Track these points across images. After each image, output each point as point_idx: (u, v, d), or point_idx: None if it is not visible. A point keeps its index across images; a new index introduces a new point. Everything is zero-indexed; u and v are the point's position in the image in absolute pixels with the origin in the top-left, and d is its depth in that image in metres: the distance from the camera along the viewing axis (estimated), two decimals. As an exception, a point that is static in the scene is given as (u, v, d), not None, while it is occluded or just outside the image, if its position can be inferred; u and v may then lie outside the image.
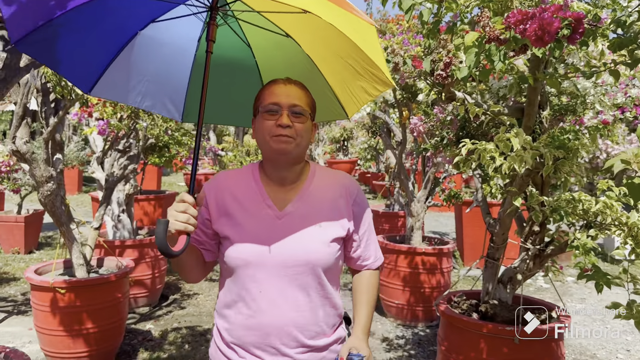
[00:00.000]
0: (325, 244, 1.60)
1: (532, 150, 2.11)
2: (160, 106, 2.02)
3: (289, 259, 1.57)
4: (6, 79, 2.35)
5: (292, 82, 1.63)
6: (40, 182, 3.41)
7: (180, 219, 1.41)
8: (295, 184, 1.66)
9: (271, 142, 1.55)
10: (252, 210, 1.62)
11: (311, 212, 1.62)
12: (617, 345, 4.45)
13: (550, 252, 2.71)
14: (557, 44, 1.62)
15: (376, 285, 1.81)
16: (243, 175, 1.69)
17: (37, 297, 3.60)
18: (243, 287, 1.59)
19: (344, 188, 1.69)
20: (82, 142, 11.33)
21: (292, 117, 1.56)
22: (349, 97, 1.91)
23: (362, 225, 1.73)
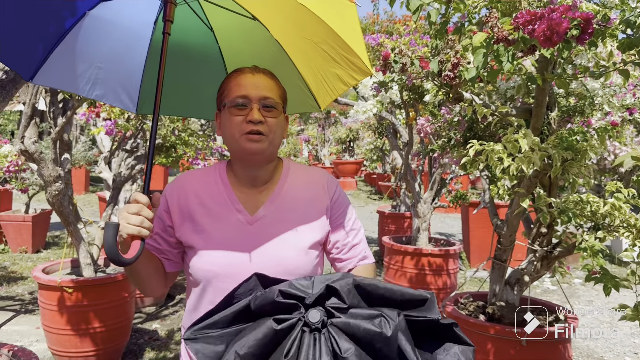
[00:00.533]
0: (302, 250, 1.43)
1: (541, 151, 2.10)
2: (112, 96, 1.81)
3: (263, 269, 1.33)
4: (15, 78, 2.36)
5: (261, 71, 1.46)
6: (48, 181, 3.43)
7: (133, 221, 1.23)
8: (268, 184, 1.49)
9: (241, 141, 1.38)
10: (220, 215, 1.44)
11: (286, 215, 1.46)
12: (625, 347, 4.42)
13: (557, 254, 2.70)
14: (566, 44, 1.61)
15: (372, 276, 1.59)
16: (209, 176, 1.51)
17: (45, 296, 3.62)
18: (211, 301, 1.38)
19: (321, 185, 1.53)
20: (90, 142, 11.39)
21: (264, 111, 1.40)
22: (322, 87, 1.75)
23: (345, 225, 1.55)
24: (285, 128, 1.50)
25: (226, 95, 1.44)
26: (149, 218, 1.25)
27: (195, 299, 1.46)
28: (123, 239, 1.24)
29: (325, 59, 1.65)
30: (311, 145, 22.34)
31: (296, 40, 1.70)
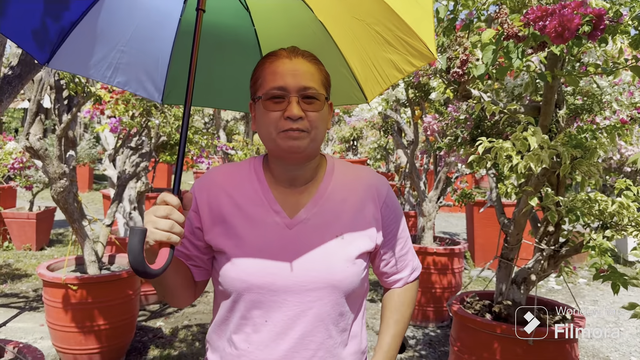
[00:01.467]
0: (349, 260, 1.25)
1: (550, 149, 2.09)
2: (136, 84, 1.64)
3: (303, 280, 1.22)
4: (21, 74, 2.36)
5: (300, 54, 1.26)
6: (53, 178, 3.42)
7: (162, 226, 1.05)
8: (309, 184, 1.31)
9: (279, 140, 1.20)
10: (255, 217, 1.26)
11: (330, 219, 1.27)
12: (631, 347, 4.40)
13: (565, 253, 2.68)
14: (577, 40, 1.60)
15: (411, 302, 1.45)
16: (242, 173, 1.33)
17: (49, 294, 3.62)
18: (244, 315, 1.24)
19: (372, 188, 1.34)
20: (94, 140, 11.41)
21: (304, 103, 1.20)
22: (372, 76, 1.54)
23: (396, 233, 1.38)
24: (329, 119, 1.30)
25: (260, 86, 1.24)
26: (179, 222, 1.08)
27: (225, 312, 1.29)
28: (150, 246, 1.07)
29: (378, 43, 1.43)
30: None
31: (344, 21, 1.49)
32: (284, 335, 1.22)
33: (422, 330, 4.75)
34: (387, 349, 1.37)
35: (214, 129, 10.64)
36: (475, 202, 6.34)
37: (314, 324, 1.23)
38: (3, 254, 7.06)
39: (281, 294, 1.22)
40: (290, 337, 1.22)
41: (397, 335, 1.40)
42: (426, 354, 4.20)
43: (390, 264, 1.41)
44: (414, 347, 4.33)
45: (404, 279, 1.44)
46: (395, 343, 1.39)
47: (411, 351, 4.24)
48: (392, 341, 1.38)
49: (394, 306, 1.43)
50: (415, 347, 4.34)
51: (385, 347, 1.37)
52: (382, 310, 1.46)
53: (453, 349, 2.96)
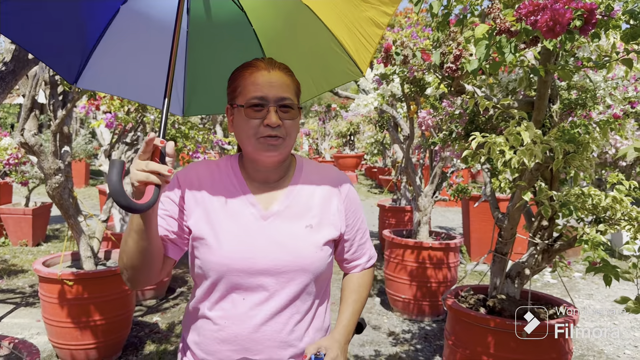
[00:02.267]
0: (317, 247, 1.41)
1: (543, 144, 2.10)
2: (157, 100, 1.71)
3: (277, 264, 1.36)
4: (15, 70, 2.35)
5: (276, 67, 1.40)
6: (48, 174, 3.42)
7: (141, 165, 1.16)
8: (281, 180, 1.47)
9: (257, 145, 1.35)
10: (234, 208, 1.40)
11: (301, 211, 1.44)
12: (625, 341, 4.43)
13: (559, 247, 2.70)
14: (569, 35, 1.60)
15: (368, 285, 1.62)
16: (221, 169, 1.47)
17: (45, 289, 3.62)
18: (222, 295, 1.38)
19: (335, 184, 1.51)
20: (90, 135, 11.38)
21: (281, 112, 1.35)
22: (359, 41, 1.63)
23: (356, 223, 1.55)
24: (299, 125, 1.44)
25: (240, 94, 1.38)
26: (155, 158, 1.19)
27: (204, 294, 1.42)
28: (135, 188, 1.17)
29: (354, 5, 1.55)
30: (312, 139, 22.33)
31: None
32: (257, 311, 1.37)
33: (418, 325, 4.77)
34: (346, 324, 1.52)
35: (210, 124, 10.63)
36: (471, 196, 6.36)
37: (285, 302, 1.39)
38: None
39: (258, 276, 1.36)
40: (263, 313, 1.37)
41: (355, 312, 1.55)
42: (421, 347, 4.23)
43: (351, 251, 1.57)
44: (409, 341, 4.35)
45: (362, 265, 1.61)
46: (354, 319, 1.54)
47: (407, 345, 4.27)
48: (351, 317, 1.54)
49: (353, 287, 1.59)
50: (410, 341, 4.36)
51: (344, 321, 1.52)
52: (342, 292, 1.61)
53: (448, 342, 2.98)
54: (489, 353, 2.69)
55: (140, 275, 1.34)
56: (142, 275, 1.34)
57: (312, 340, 1.45)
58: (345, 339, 1.48)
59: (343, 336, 1.48)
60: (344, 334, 1.49)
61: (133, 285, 1.37)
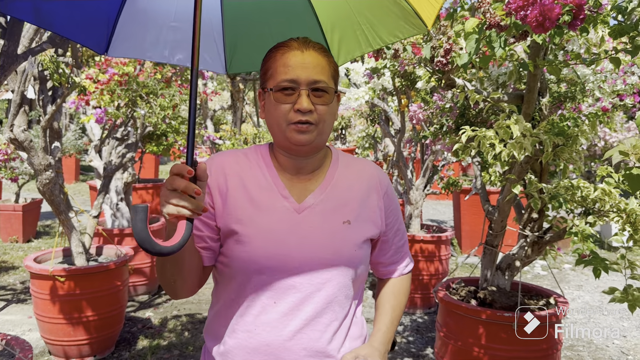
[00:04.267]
0: (356, 245, 1.29)
1: (532, 137, 2.12)
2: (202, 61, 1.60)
3: (314, 262, 1.24)
4: (4, 66, 2.34)
5: (310, 47, 1.26)
6: (38, 170, 3.40)
7: (171, 199, 1.03)
8: (315, 172, 1.34)
9: (288, 132, 1.23)
10: (264, 201, 1.27)
11: (337, 205, 1.31)
12: (613, 331, 4.49)
13: (548, 239, 2.73)
14: (558, 30, 1.62)
15: (407, 291, 1.49)
16: (250, 158, 1.34)
17: (37, 285, 3.61)
18: (252, 298, 1.25)
19: (374, 178, 1.39)
20: (80, 131, 11.31)
21: (313, 96, 1.22)
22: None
23: (395, 223, 1.42)
24: (337, 110, 1.32)
25: (271, 77, 1.26)
26: (190, 192, 1.04)
27: (231, 297, 1.29)
28: (167, 220, 1.07)
29: None
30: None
31: None
32: (292, 316, 1.25)
33: (410, 317, 4.81)
34: (385, 331, 1.38)
35: (201, 118, 10.59)
36: (462, 189, 6.39)
37: (322, 306, 1.26)
38: (-11, 246, 7.02)
39: (291, 275, 1.24)
40: (298, 319, 1.25)
41: (394, 320, 1.42)
42: (413, 340, 4.26)
43: (389, 254, 1.44)
44: (401, 333, 4.39)
45: (400, 270, 1.48)
46: (393, 327, 1.41)
47: (399, 337, 4.30)
48: (390, 325, 1.41)
49: (392, 292, 1.46)
50: (402, 333, 4.39)
51: (383, 328, 1.39)
52: (379, 297, 1.47)
53: (439, 334, 3.01)
54: (480, 344, 2.72)
55: (182, 292, 1.27)
56: (183, 291, 1.27)
57: (350, 349, 1.32)
58: (385, 347, 1.35)
59: (383, 345, 1.35)
60: (384, 343, 1.36)
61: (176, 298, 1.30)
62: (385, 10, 1.53)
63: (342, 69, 5.41)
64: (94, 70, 4.21)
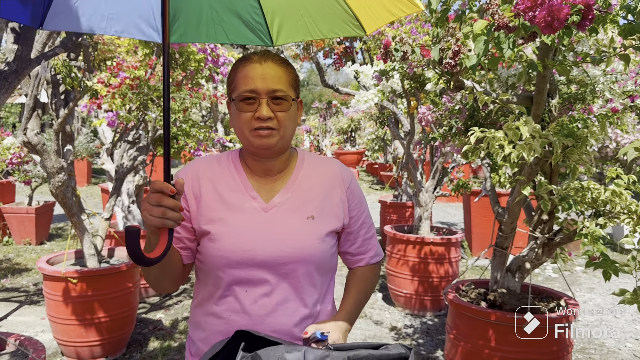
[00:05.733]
0: (320, 238, 1.41)
1: (541, 138, 2.11)
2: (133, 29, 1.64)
3: (278, 255, 1.37)
4: (17, 70, 2.37)
5: (269, 58, 1.38)
6: (51, 173, 3.44)
7: (155, 213, 1.17)
8: (282, 173, 1.47)
9: (251, 137, 1.35)
10: (234, 202, 1.41)
11: (302, 203, 1.43)
12: (626, 334, 4.45)
13: (559, 241, 2.72)
14: (567, 30, 1.62)
15: (373, 280, 1.60)
16: (222, 163, 1.47)
17: (50, 287, 3.65)
18: (226, 289, 1.40)
19: (338, 175, 1.50)
20: (91, 134, 11.41)
21: (273, 104, 1.34)
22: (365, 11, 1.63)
23: (360, 216, 1.53)
24: (299, 115, 1.44)
25: (235, 88, 1.38)
26: (171, 207, 1.19)
27: (209, 289, 1.44)
28: (150, 231, 1.22)
29: None
30: (312, 135, 22.34)
31: None
32: (261, 303, 1.38)
33: (420, 319, 4.79)
34: (348, 310, 1.50)
35: (212, 121, 10.65)
36: (472, 191, 6.36)
37: (289, 294, 1.40)
38: (3, 248, 7.09)
39: (259, 268, 1.37)
40: (268, 305, 1.38)
41: (358, 302, 1.54)
42: (423, 342, 4.25)
43: (356, 245, 1.55)
44: (411, 336, 4.38)
45: (367, 259, 1.58)
46: (357, 309, 1.53)
47: (409, 339, 4.29)
48: (355, 306, 1.53)
49: (358, 279, 1.58)
50: (412, 336, 4.38)
51: (347, 308, 1.51)
52: (346, 283, 1.60)
53: (449, 336, 3.00)
54: (490, 346, 2.71)
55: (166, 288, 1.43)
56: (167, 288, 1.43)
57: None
58: (347, 326, 1.46)
59: (345, 323, 1.45)
60: (347, 321, 1.46)
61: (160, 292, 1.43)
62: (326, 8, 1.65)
63: (351, 72, 5.42)
64: (105, 74, 4.25)
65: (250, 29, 1.76)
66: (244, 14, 1.74)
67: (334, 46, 7.62)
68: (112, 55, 4.97)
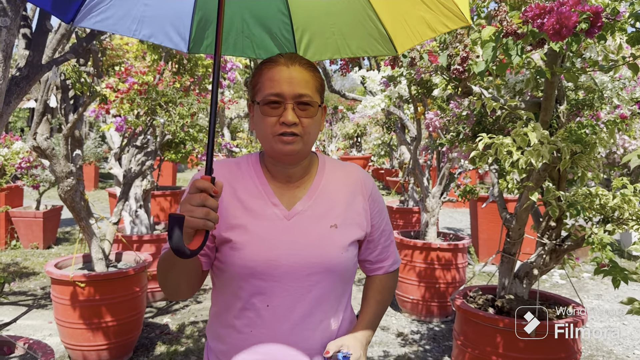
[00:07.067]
0: (343, 247, 1.36)
1: (550, 144, 2.11)
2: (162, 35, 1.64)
3: (303, 266, 1.31)
4: (29, 75, 2.40)
5: (297, 62, 1.33)
6: (60, 177, 3.46)
7: (198, 214, 1.11)
8: (303, 179, 1.41)
9: (274, 143, 1.30)
10: (256, 209, 1.35)
11: (324, 210, 1.38)
12: (634, 341, 4.42)
13: (567, 247, 2.71)
14: (575, 38, 1.62)
15: (392, 288, 1.56)
16: (242, 168, 1.42)
17: (58, 291, 3.66)
18: (246, 301, 1.33)
19: (359, 182, 1.45)
20: (100, 139, 11.47)
21: (298, 109, 1.29)
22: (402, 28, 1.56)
23: (380, 224, 1.48)
24: (322, 122, 1.39)
25: (259, 91, 1.33)
26: (214, 208, 1.13)
27: (228, 300, 1.37)
28: (188, 233, 1.14)
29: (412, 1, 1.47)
30: (318, 140, 22.36)
31: None
32: (284, 318, 1.33)
33: (427, 325, 4.78)
34: (368, 324, 1.45)
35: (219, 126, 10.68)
36: (479, 197, 6.36)
37: (312, 307, 1.34)
38: (11, 252, 7.13)
39: (282, 279, 1.31)
40: (291, 320, 1.33)
41: (377, 314, 1.49)
42: (430, 348, 4.24)
43: (375, 253, 1.50)
44: (418, 342, 4.37)
45: (386, 268, 1.54)
46: (376, 321, 1.49)
47: (415, 345, 4.28)
48: (374, 318, 1.48)
49: (377, 288, 1.53)
50: (419, 342, 4.37)
51: (366, 321, 1.46)
52: (365, 293, 1.55)
53: (456, 342, 2.99)
54: (497, 353, 2.70)
55: (182, 294, 1.36)
56: (184, 293, 1.36)
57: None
58: (367, 339, 1.41)
59: (365, 336, 1.41)
60: (366, 334, 1.42)
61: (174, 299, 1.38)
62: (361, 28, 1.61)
63: (357, 77, 5.43)
64: (114, 79, 4.28)
65: (277, 44, 1.75)
66: (274, 29, 1.73)
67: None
68: (120, 61, 5.01)
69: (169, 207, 7.83)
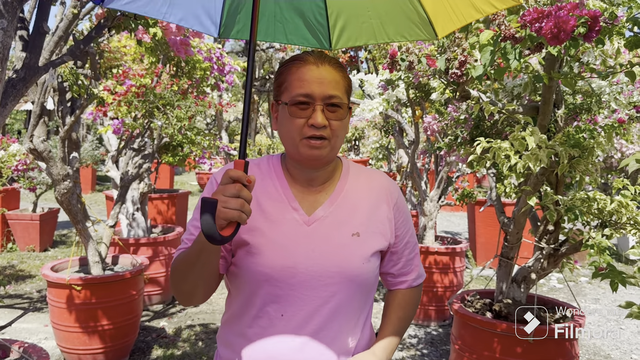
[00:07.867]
0: (365, 258, 1.28)
1: (548, 148, 2.11)
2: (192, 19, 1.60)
3: (321, 275, 1.24)
4: (26, 78, 2.39)
5: (326, 61, 1.26)
6: (57, 180, 3.45)
7: (233, 205, 1.04)
8: (326, 184, 1.34)
9: (301, 147, 1.23)
10: (275, 213, 1.28)
11: (347, 217, 1.30)
12: (632, 345, 4.42)
13: (564, 252, 2.71)
14: (573, 42, 1.62)
15: (415, 304, 1.47)
16: (262, 169, 1.35)
17: (54, 294, 3.65)
18: (260, 309, 1.27)
19: (384, 189, 1.38)
20: (97, 141, 11.45)
21: (328, 111, 1.22)
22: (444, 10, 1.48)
23: (405, 235, 1.41)
24: (349, 124, 1.31)
25: (286, 90, 1.26)
26: (248, 200, 1.07)
27: (241, 307, 1.31)
28: (220, 225, 1.06)
29: None
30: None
31: None
32: (300, 329, 1.25)
33: (424, 329, 4.77)
34: (388, 341, 1.37)
35: (216, 129, 10.68)
36: (477, 201, 6.36)
37: (329, 318, 1.27)
38: (7, 255, 7.10)
39: (299, 288, 1.25)
40: (306, 331, 1.26)
41: (399, 331, 1.41)
42: (428, 352, 4.23)
43: (399, 266, 1.42)
44: (415, 346, 4.35)
45: (409, 282, 1.46)
46: (397, 338, 1.40)
47: (413, 350, 4.27)
48: (394, 335, 1.39)
49: (399, 304, 1.44)
50: (417, 346, 4.36)
51: (387, 339, 1.37)
52: (386, 308, 1.46)
53: (454, 347, 2.99)
54: (495, 357, 2.69)
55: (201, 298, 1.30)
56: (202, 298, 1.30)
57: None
58: (387, 357, 1.34)
59: (385, 353, 1.34)
60: (386, 352, 1.35)
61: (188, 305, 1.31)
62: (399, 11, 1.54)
63: (356, 80, 5.44)
64: (111, 82, 4.27)
65: (310, 30, 1.69)
66: (307, 13, 1.67)
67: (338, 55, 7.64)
68: (118, 63, 5.00)
69: (166, 210, 7.81)
